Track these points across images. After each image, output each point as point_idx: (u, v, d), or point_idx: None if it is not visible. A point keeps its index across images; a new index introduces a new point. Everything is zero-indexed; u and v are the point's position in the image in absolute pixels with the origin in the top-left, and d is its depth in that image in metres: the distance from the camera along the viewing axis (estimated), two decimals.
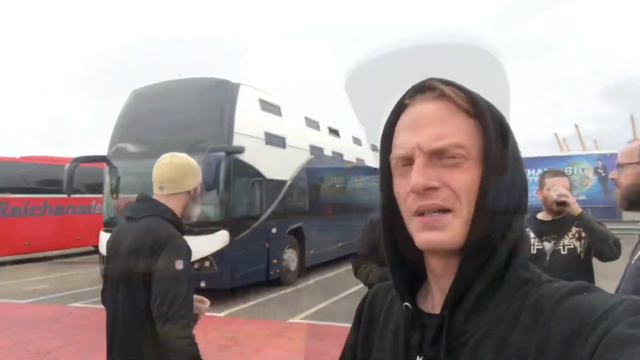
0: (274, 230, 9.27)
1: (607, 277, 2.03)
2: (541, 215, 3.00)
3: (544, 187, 2.93)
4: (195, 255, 7.63)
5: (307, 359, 5.09)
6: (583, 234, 2.79)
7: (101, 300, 2.13)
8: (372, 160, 14.04)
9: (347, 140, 13.93)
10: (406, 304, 0.70)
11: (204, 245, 7.78)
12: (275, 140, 9.68)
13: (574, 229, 2.83)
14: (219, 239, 7.88)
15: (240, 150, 8.39)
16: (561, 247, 2.80)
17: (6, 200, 13.09)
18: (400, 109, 0.70)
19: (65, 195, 9.19)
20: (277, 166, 9.63)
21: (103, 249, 8.48)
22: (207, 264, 7.75)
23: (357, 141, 14.52)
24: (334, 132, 13.22)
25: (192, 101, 8.64)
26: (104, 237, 8.61)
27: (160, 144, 8.46)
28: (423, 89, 0.68)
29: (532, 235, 2.92)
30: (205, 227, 8.00)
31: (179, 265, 1.88)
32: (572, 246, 2.80)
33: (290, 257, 9.88)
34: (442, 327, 0.64)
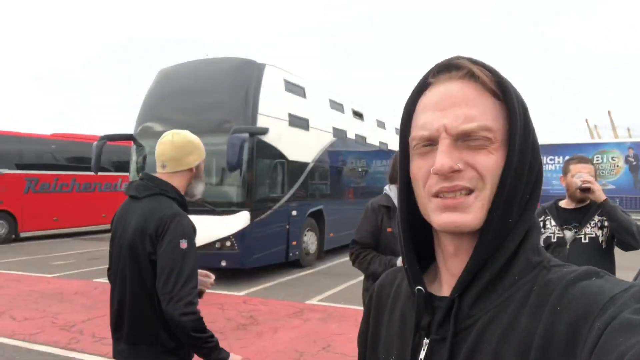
0: (294, 213, 9.31)
1: (630, 268, 1.97)
2: (564, 203, 2.93)
3: (568, 173, 2.85)
4: (217, 235, 7.84)
5: (323, 340, 5.12)
6: (605, 223, 2.72)
7: (107, 279, 2.15)
8: (396, 144, 13.90)
9: (370, 123, 13.81)
10: (419, 287, 0.69)
11: (226, 226, 7.87)
12: (298, 122, 9.66)
13: (596, 218, 2.76)
14: (241, 220, 7.94)
15: (264, 131, 8.40)
16: (582, 236, 2.74)
17: (36, 176, 13.46)
18: (422, 87, 0.68)
19: (92, 173, 9.35)
20: (300, 148, 9.62)
21: None
22: (228, 243, 7.84)
23: (381, 124, 14.38)
24: (358, 114, 13.10)
25: (218, 81, 8.65)
26: None
27: (185, 124, 8.51)
28: (449, 68, 0.65)
29: (553, 223, 2.85)
30: (227, 207, 8.08)
31: (184, 244, 1.89)
32: (594, 235, 2.73)
33: (310, 240, 9.92)
34: (451, 310, 0.64)
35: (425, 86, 0.68)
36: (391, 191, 2.73)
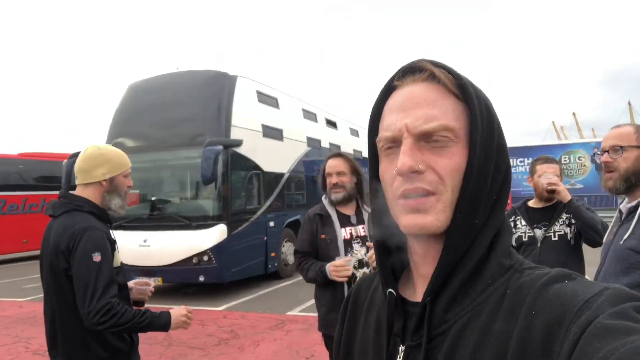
0: (271, 224, 9.26)
1: (595, 264, 2.03)
2: (532, 203, 3.03)
3: (535, 174, 2.94)
4: (194, 250, 7.73)
5: (305, 350, 5.09)
6: (573, 220, 2.81)
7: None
8: None
9: (344, 131, 13.89)
10: (390, 290, 0.69)
11: (202, 240, 7.77)
12: (272, 133, 9.65)
13: (564, 216, 2.85)
14: (217, 233, 7.85)
15: (238, 143, 8.36)
16: (552, 234, 2.84)
17: (4, 198, 13.06)
18: (388, 90, 0.69)
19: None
20: (275, 159, 9.60)
21: None
22: (205, 258, 7.74)
23: (354, 132, 14.48)
24: (332, 123, 13.18)
25: (189, 94, 8.58)
26: None
27: (157, 138, 8.45)
28: (413, 70, 0.66)
29: (523, 223, 2.94)
30: (203, 221, 7.99)
31: (97, 257, 1.90)
32: (563, 232, 2.83)
33: (289, 251, 9.88)
34: (424, 315, 0.63)
35: (391, 89, 0.68)
36: (325, 199, 2.83)
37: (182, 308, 2.12)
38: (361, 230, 2.73)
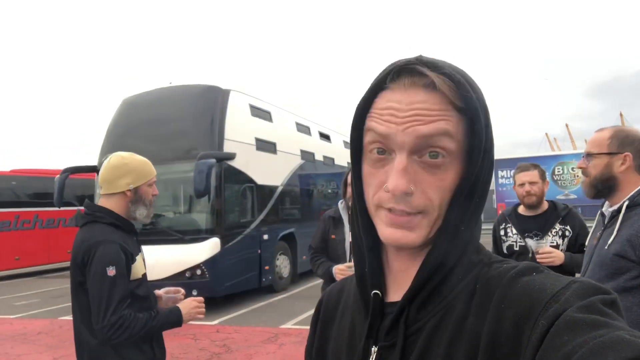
0: (265, 237, 9.22)
1: None
2: (522, 210, 2.99)
3: (516, 183, 2.94)
4: (187, 264, 7.68)
5: None
6: (567, 232, 2.80)
7: None
8: None
9: (338, 144, 13.93)
10: (376, 291, 0.67)
11: (195, 254, 7.72)
12: (266, 146, 9.66)
13: (557, 226, 2.83)
14: (210, 247, 7.81)
15: (231, 156, 8.36)
16: (533, 246, 2.80)
17: None
18: (379, 88, 0.63)
19: (56, 208, 9.07)
20: (268, 172, 9.60)
21: None
22: (198, 272, 7.68)
23: (348, 145, 14.50)
24: (325, 136, 13.21)
25: (182, 108, 8.60)
26: None
27: (151, 153, 8.35)
28: (410, 72, 0.60)
29: (514, 231, 2.91)
30: (196, 235, 7.94)
31: (111, 271, 1.86)
32: (555, 244, 2.80)
33: (283, 264, 9.83)
34: (401, 316, 0.63)
35: (382, 88, 0.62)
36: (341, 204, 3.21)
37: (191, 300, 2.11)
38: None
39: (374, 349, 0.65)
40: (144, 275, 2.06)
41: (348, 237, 2.90)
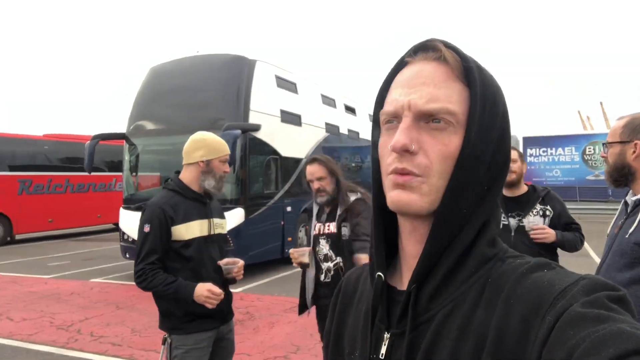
0: (289, 209, 9.34)
1: (584, 255, 2.03)
2: (505, 191, 3.03)
3: None
4: None
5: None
6: (547, 212, 2.88)
7: None
8: None
9: (363, 117, 13.83)
10: (379, 273, 0.69)
11: None
12: (291, 118, 9.68)
13: (538, 206, 2.90)
14: (235, 217, 7.95)
15: (256, 127, 8.41)
16: (526, 224, 2.84)
17: (30, 178, 13.41)
18: (399, 66, 0.69)
19: (86, 173, 9.32)
20: (293, 144, 9.65)
21: (123, 226, 8.68)
22: None
23: None
24: (351, 109, 13.12)
25: (209, 78, 8.62)
26: (124, 215, 8.77)
27: (177, 122, 8.52)
28: (425, 48, 0.66)
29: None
30: (221, 204, 8.06)
31: (146, 227, 2.26)
32: (536, 223, 2.85)
33: (305, 236, 9.93)
34: (409, 303, 0.64)
35: (402, 65, 0.68)
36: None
37: (206, 287, 2.24)
38: (328, 227, 2.92)
39: (386, 335, 0.67)
40: (196, 238, 2.33)
41: (312, 230, 3.02)
